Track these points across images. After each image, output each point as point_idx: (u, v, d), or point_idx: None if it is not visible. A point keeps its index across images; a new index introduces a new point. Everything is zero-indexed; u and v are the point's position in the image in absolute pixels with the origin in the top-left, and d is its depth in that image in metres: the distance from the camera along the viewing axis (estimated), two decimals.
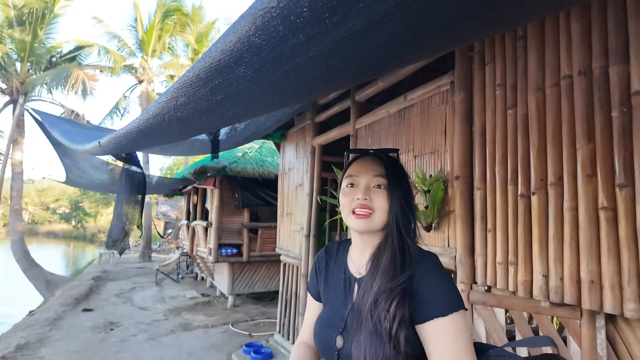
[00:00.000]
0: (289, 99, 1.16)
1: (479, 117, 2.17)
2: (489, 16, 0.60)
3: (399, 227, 0.94)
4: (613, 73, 1.54)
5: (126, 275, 11.37)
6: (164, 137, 1.66)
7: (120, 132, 1.65)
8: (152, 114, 1.31)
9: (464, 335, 0.83)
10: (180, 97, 1.12)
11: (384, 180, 0.97)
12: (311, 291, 1.13)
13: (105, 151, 2.09)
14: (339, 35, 0.66)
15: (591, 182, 1.58)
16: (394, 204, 0.95)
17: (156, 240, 20.69)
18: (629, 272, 1.44)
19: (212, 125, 1.55)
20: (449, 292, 0.87)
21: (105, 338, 5.30)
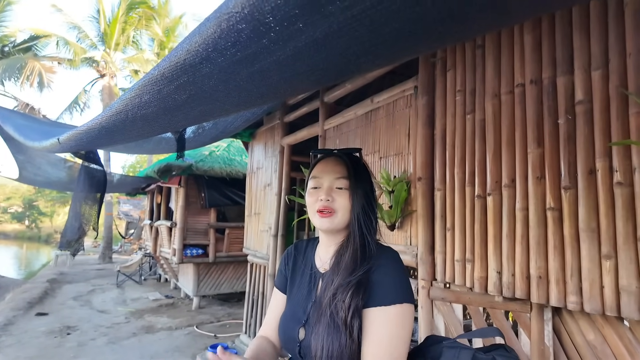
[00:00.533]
0: (254, 99, 1.18)
1: (440, 121, 2.27)
2: (438, 31, 0.65)
3: (361, 225, 0.99)
4: (560, 83, 1.66)
5: (84, 277, 10.88)
6: (127, 135, 1.62)
7: (81, 128, 1.59)
8: (115, 111, 1.29)
9: (400, 328, 0.87)
10: (144, 95, 1.11)
11: (345, 181, 1.01)
12: (278, 284, 1.15)
13: (64, 149, 2.00)
14: (301, 41, 0.69)
15: (540, 184, 1.70)
16: (356, 203, 0.99)
17: (117, 240, 19.90)
18: (572, 267, 1.56)
19: (178, 124, 1.54)
20: (397, 284, 0.92)
21: (61, 343, 5.06)
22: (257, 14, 0.58)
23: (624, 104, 1.44)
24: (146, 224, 9.44)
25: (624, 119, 1.44)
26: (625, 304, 1.40)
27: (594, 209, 1.50)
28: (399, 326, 0.87)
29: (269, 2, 0.55)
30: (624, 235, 1.41)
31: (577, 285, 1.54)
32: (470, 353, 0.92)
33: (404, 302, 0.89)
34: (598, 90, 1.52)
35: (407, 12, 0.58)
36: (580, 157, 1.56)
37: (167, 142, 3.28)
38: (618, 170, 1.43)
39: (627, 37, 1.45)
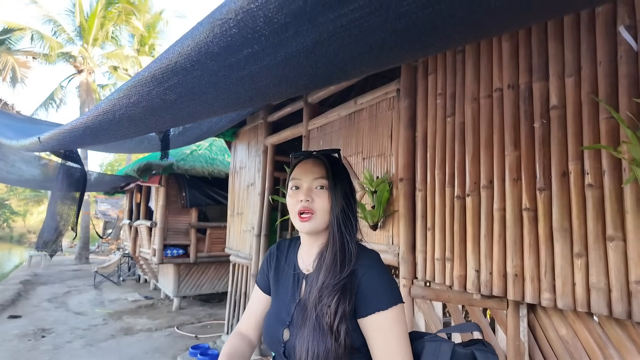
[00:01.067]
0: (242, 102, 1.19)
1: (421, 124, 2.32)
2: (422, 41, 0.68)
3: (340, 226, 1.00)
4: (536, 88, 1.73)
5: (60, 278, 10.58)
6: (112, 135, 1.60)
7: (64, 127, 1.55)
8: (102, 111, 1.27)
9: (401, 327, 0.91)
10: (133, 96, 1.11)
11: (324, 181, 1.02)
12: (260, 284, 1.16)
13: (44, 148, 1.95)
14: (292, 48, 0.71)
15: (517, 186, 1.77)
16: (335, 204, 1.00)
17: (94, 240, 19.40)
18: (546, 265, 1.63)
19: (165, 124, 1.53)
20: (388, 288, 0.94)
21: (35, 346, 4.91)
22: (250, 21, 0.60)
23: (595, 110, 1.52)
24: (125, 223, 9.25)
25: (595, 124, 1.51)
26: (595, 300, 1.47)
27: (567, 209, 1.58)
28: (400, 326, 0.91)
29: (262, 11, 0.57)
30: (594, 235, 1.48)
31: (550, 282, 1.61)
32: (450, 346, 0.96)
33: (398, 303, 0.93)
34: (571, 97, 1.59)
35: (393, 23, 0.61)
36: (554, 160, 1.63)
37: (150, 141, 3.24)
38: (589, 172, 1.51)
39: (598, 47, 1.53)
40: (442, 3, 0.57)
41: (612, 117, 1.45)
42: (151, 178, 6.68)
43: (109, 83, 17.66)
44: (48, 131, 1.69)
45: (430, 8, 0.58)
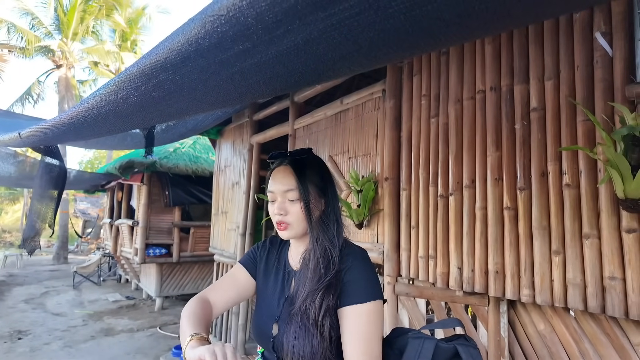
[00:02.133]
0: (232, 99, 1.19)
1: (406, 124, 2.36)
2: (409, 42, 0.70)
3: (318, 233, 1.00)
4: (517, 91, 1.78)
5: (37, 279, 10.29)
6: (97, 131, 1.57)
7: (47, 123, 1.51)
8: (88, 107, 1.25)
9: (375, 323, 0.92)
10: (120, 92, 1.09)
11: (295, 193, 0.99)
12: (247, 265, 1.14)
13: (25, 143, 1.90)
14: (283, 45, 0.72)
15: (498, 185, 1.82)
16: (309, 212, 0.99)
17: (73, 240, 18.94)
18: (525, 263, 1.68)
19: (151, 121, 1.51)
20: (369, 283, 0.96)
21: (11, 348, 4.78)
22: (242, 18, 0.61)
23: (573, 113, 1.57)
24: (106, 222, 9.06)
25: (572, 126, 1.57)
26: (572, 296, 1.53)
27: (546, 208, 1.63)
28: (374, 321, 0.92)
29: (254, 8, 0.58)
30: (571, 233, 1.54)
31: (530, 279, 1.67)
32: (434, 342, 0.99)
33: (377, 299, 0.95)
34: (550, 99, 1.65)
35: (381, 23, 0.62)
36: (534, 161, 1.68)
37: (133, 138, 3.19)
38: (567, 173, 1.56)
39: (576, 51, 1.59)
40: (429, 5, 0.59)
41: (589, 119, 1.51)
42: (133, 176, 6.56)
43: (89, 79, 17.26)
44: (29, 126, 1.65)
45: (418, 10, 0.60)
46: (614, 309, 1.41)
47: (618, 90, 1.44)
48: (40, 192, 2.74)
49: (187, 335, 0.88)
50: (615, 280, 1.41)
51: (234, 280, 1.13)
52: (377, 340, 0.92)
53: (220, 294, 1.09)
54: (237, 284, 1.12)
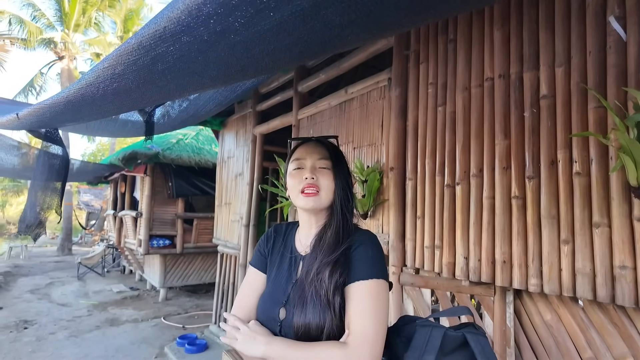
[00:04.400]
0: (234, 73, 1.15)
1: (412, 113, 2.33)
2: (423, 4, 0.67)
3: (342, 205, 1.03)
4: (526, 78, 1.74)
5: (42, 270, 10.36)
6: (95, 111, 1.54)
7: (44, 103, 1.48)
8: (85, 84, 1.22)
9: (376, 302, 0.91)
10: (118, 66, 1.06)
11: (328, 162, 1.05)
12: (256, 264, 1.15)
13: (23, 125, 1.85)
14: (287, 10, 0.69)
15: (506, 174, 1.79)
16: (338, 184, 1.04)
17: (77, 232, 19.04)
18: (533, 252, 1.66)
19: (150, 99, 1.47)
20: (374, 262, 0.97)
21: (17, 338, 4.82)
22: None
23: (584, 100, 1.54)
24: (109, 214, 9.09)
25: (584, 113, 1.54)
26: (580, 285, 1.51)
27: (555, 197, 1.61)
28: (378, 299, 0.92)
29: None
30: (580, 222, 1.52)
31: (537, 268, 1.65)
32: (442, 331, 0.97)
33: (381, 278, 0.94)
34: (561, 86, 1.62)
35: None
36: (543, 149, 1.66)
37: (133, 125, 3.17)
38: (577, 161, 1.53)
39: (588, 36, 1.55)
40: None
41: (601, 106, 1.48)
42: (136, 167, 6.56)
43: None
44: (27, 108, 1.62)
45: None
46: (624, 299, 1.40)
47: (632, 76, 1.41)
48: (42, 184, 2.73)
49: None
50: (626, 270, 1.39)
51: (250, 287, 1.13)
52: (380, 319, 0.90)
53: (245, 309, 1.09)
54: (256, 289, 1.11)
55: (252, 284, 1.13)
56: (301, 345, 0.90)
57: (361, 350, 0.86)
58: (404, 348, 0.98)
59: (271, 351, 0.92)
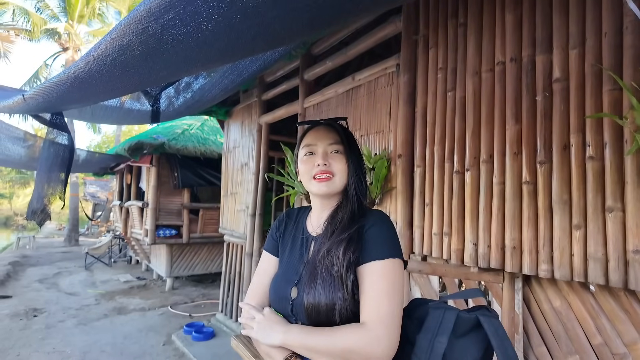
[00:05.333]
0: (244, 44, 1.13)
1: (421, 99, 2.30)
2: None
3: (356, 188, 1.03)
4: (539, 61, 1.71)
5: (50, 260, 10.49)
6: (101, 89, 1.52)
7: (51, 81, 1.45)
8: (93, 57, 1.19)
9: (393, 280, 0.91)
10: (126, 37, 1.04)
11: (340, 146, 1.04)
12: (269, 249, 1.16)
13: (29, 107, 1.83)
14: None
15: (517, 159, 1.77)
16: (351, 167, 1.03)
17: (84, 223, 19.21)
18: (544, 237, 1.65)
19: (158, 76, 1.44)
20: (389, 241, 0.96)
21: (27, 325, 4.89)
22: None
23: (598, 82, 1.51)
24: (115, 204, 9.15)
25: (598, 96, 1.51)
26: (592, 270, 1.50)
27: (567, 182, 1.59)
28: (394, 279, 0.91)
29: None
30: (593, 206, 1.50)
31: (548, 254, 1.63)
32: (455, 313, 0.96)
33: (397, 257, 0.93)
34: (575, 69, 1.59)
35: None
36: (556, 133, 1.63)
37: (138, 112, 3.17)
38: (590, 145, 1.51)
39: (604, 18, 1.51)
40: None
41: (616, 89, 1.45)
42: (142, 158, 6.58)
43: None
44: (34, 89, 1.60)
45: None
46: (637, 283, 1.38)
47: None
48: (46, 175, 2.73)
49: (278, 356, 0.92)
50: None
51: (264, 273, 1.13)
52: (396, 299, 0.90)
53: (261, 296, 1.09)
54: (269, 274, 1.12)
55: (265, 269, 1.14)
56: (319, 330, 0.90)
57: (379, 331, 0.85)
58: (416, 330, 0.97)
59: (289, 339, 0.92)
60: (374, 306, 0.88)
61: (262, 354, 1.01)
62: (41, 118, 2.30)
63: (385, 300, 0.88)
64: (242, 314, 1.04)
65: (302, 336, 0.91)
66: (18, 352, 4.02)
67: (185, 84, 3.29)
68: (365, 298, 0.90)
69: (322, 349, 0.88)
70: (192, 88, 3.27)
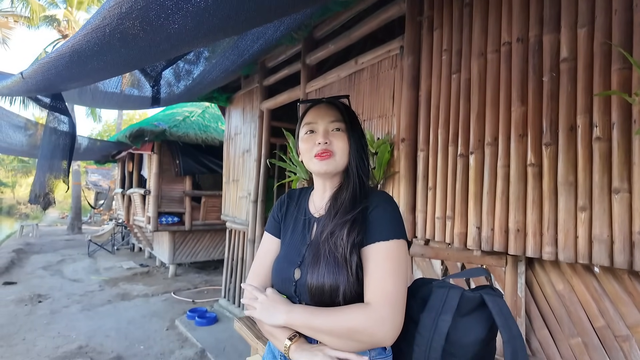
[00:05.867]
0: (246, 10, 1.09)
1: (425, 82, 2.27)
2: None
3: (357, 167, 1.01)
4: (546, 41, 1.68)
5: (53, 247, 10.56)
6: (101, 65, 1.48)
7: (49, 56, 1.41)
8: (91, 28, 1.16)
9: (396, 262, 0.90)
10: (125, 3, 1.01)
11: (341, 124, 1.02)
12: (270, 230, 1.15)
13: (28, 87, 1.79)
14: None
15: (522, 142, 1.75)
16: (352, 145, 1.02)
17: (86, 211, 19.32)
18: (549, 220, 1.64)
19: (158, 50, 1.39)
20: (393, 222, 0.94)
21: (32, 311, 4.94)
22: None
23: (607, 61, 1.48)
24: (117, 192, 9.17)
25: (606, 76, 1.48)
26: (597, 252, 1.49)
27: (573, 163, 1.57)
28: (398, 260, 0.90)
29: None
30: (599, 188, 1.48)
31: (553, 236, 1.62)
32: (459, 291, 0.96)
33: (401, 238, 0.92)
34: (583, 48, 1.55)
35: None
36: (562, 114, 1.61)
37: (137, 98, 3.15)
38: (598, 125, 1.49)
39: None
40: None
41: (625, 67, 1.42)
42: (143, 145, 6.56)
43: None
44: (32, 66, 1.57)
45: None
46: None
47: None
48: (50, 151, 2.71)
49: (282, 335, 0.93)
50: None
51: (266, 254, 1.12)
52: (400, 280, 0.89)
53: (263, 276, 1.09)
54: (271, 255, 1.11)
55: (267, 250, 1.13)
56: (323, 310, 0.90)
57: (384, 312, 0.85)
58: (420, 309, 0.97)
59: (293, 319, 0.91)
60: (378, 287, 0.87)
61: (265, 334, 1.01)
62: (41, 102, 2.27)
63: (390, 280, 0.87)
64: (245, 295, 1.03)
65: (306, 316, 0.90)
66: (24, 336, 4.07)
67: (186, 71, 3.26)
68: (370, 279, 0.89)
69: (326, 328, 0.87)
70: (192, 75, 3.24)
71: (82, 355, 3.58)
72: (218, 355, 3.54)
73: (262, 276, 1.09)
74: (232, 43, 2.42)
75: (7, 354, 3.60)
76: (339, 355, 0.87)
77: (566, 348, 1.75)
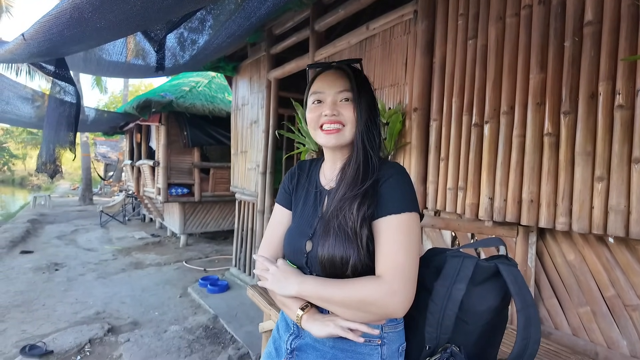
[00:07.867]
0: None
1: (439, 49, 2.19)
2: None
3: (364, 140, 0.97)
4: (569, 3, 1.60)
5: (66, 218, 10.79)
6: (104, 24, 1.41)
7: (50, 13, 1.35)
8: None
9: (408, 235, 0.89)
10: None
11: (349, 93, 0.97)
12: (281, 201, 1.14)
13: (31, 50, 1.73)
14: None
15: (539, 111, 1.70)
16: (361, 117, 0.97)
17: (96, 183, 19.59)
18: (564, 190, 1.61)
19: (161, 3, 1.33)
20: (406, 195, 0.93)
21: (50, 278, 5.11)
22: None
23: (634, 25, 1.41)
24: (127, 164, 9.24)
25: (633, 40, 1.42)
26: (612, 222, 1.47)
27: (592, 132, 1.53)
28: (411, 232, 0.89)
29: None
30: (619, 157, 1.45)
31: (567, 207, 1.61)
32: (474, 261, 0.95)
33: (413, 211, 0.91)
34: (609, 10, 1.48)
35: None
36: (583, 81, 1.55)
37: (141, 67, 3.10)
38: (621, 93, 1.43)
39: None
40: None
41: None
42: (151, 116, 6.53)
43: None
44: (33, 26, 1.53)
45: None
46: None
47: None
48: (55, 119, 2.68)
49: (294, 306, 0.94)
50: None
51: (277, 225, 1.11)
52: (412, 252, 0.88)
53: (274, 247, 1.09)
54: (282, 227, 1.10)
55: (279, 221, 1.12)
56: (334, 282, 0.90)
57: (396, 283, 0.84)
58: (434, 278, 0.97)
59: (305, 290, 0.92)
60: (390, 259, 0.86)
61: (278, 304, 1.03)
62: (46, 69, 2.24)
63: (402, 253, 0.87)
64: (257, 266, 1.04)
65: (318, 287, 0.91)
66: (43, 302, 4.23)
67: (191, 41, 3.18)
68: (382, 251, 0.88)
69: (338, 299, 0.88)
70: (198, 44, 3.16)
71: (99, 320, 3.72)
72: (230, 321, 3.65)
73: (274, 247, 1.09)
74: (238, 5, 2.33)
75: (28, 319, 3.76)
76: (350, 326, 0.87)
77: (574, 316, 1.77)
